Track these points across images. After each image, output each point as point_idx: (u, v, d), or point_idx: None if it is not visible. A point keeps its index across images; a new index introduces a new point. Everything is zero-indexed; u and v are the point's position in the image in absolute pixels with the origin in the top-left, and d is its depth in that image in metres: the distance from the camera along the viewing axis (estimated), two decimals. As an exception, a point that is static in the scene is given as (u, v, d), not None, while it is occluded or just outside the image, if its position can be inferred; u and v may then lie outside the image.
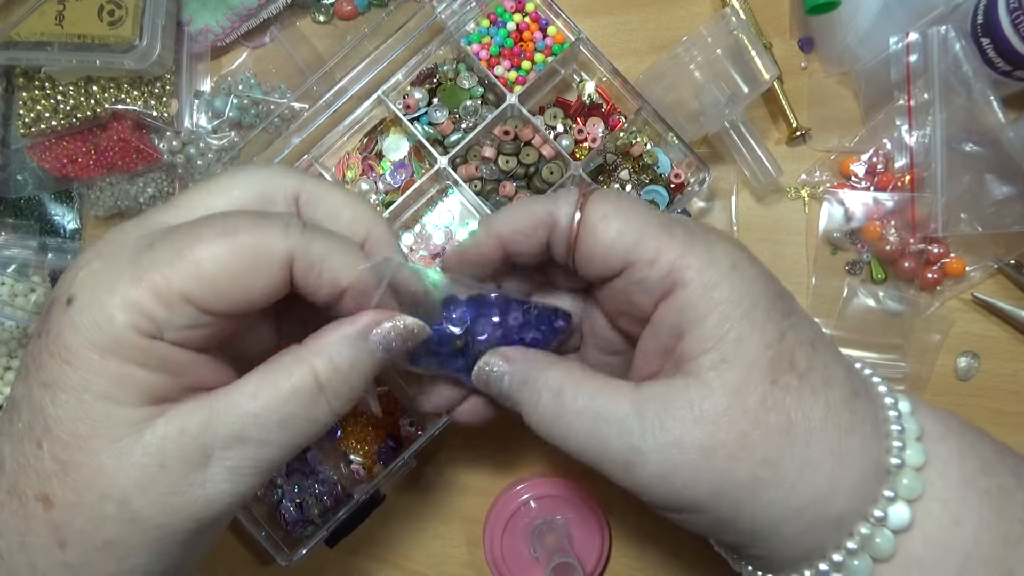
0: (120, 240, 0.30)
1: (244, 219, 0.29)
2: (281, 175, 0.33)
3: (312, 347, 0.31)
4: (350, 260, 0.31)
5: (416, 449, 0.54)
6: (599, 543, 0.56)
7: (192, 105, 0.61)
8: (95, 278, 0.28)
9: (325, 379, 0.30)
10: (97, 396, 0.28)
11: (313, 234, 0.30)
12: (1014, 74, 0.55)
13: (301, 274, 0.30)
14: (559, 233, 0.34)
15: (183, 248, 0.28)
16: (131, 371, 0.28)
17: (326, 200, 0.34)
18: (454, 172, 0.57)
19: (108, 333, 0.27)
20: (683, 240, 0.32)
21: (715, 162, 0.60)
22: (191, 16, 0.59)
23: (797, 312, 0.32)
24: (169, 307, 0.28)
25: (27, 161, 0.60)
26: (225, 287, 0.28)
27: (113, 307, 0.27)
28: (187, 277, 0.28)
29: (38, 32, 0.55)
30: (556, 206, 0.34)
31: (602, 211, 0.33)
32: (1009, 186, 0.55)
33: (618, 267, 0.32)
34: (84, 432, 0.28)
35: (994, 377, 0.58)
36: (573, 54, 0.58)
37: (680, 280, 0.31)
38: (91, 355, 0.27)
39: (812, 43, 0.61)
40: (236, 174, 0.33)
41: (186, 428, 0.29)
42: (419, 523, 0.59)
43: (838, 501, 0.30)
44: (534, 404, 0.33)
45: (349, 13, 0.62)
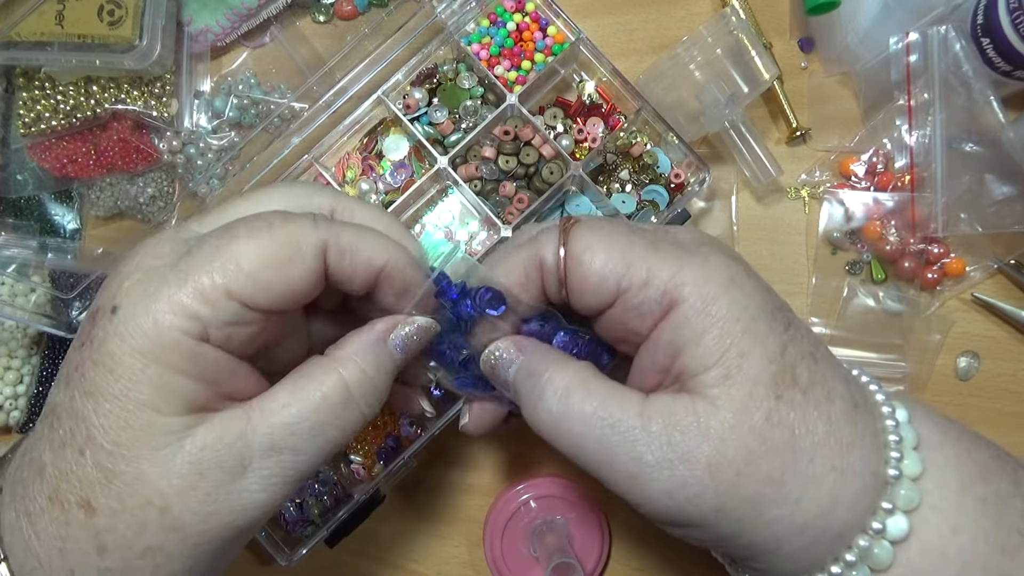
0: (157, 250, 0.31)
1: (276, 215, 0.31)
2: (316, 192, 0.34)
3: (337, 355, 0.32)
4: (380, 243, 0.32)
5: (416, 449, 0.54)
6: (599, 543, 0.56)
7: (192, 105, 0.61)
8: (139, 287, 0.29)
9: (354, 384, 0.32)
10: (140, 405, 0.28)
11: (342, 225, 0.32)
12: (1014, 74, 0.55)
13: (335, 261, 0.31)
14: (548, 273, 0.34)
15: (221, 246, 0.29)
16: (173, 379, 0.29)
17: (357, 216, 0.35)
18: (454, 172, 0.57)
19: (154, 338, 0.28)
20: (675, 257, 0.31)
21: (715, 162, 0.60)
22: (191, 16, 0.59)
23: (796, 324, 0.32)
24: (214, 304, 0.29)
25: (27, 161, 0.60)
26: (266, 279, 0.29)
27: (158, 312, 0.28)
28: (228, 272, 0.29)
29: (38, 32, 0.55)
30: (540, 246, 0.34)
31: (585, 242, 0.32)
32: (1009, 186, 0.55)
33: (611, 296, 0.32)
34: (127, 440, 0.28)
35: (994, 377, 0.58)
36: (573, 54, 0.58)
37: (677, 298, 0.31)
38: (135, 363, 0.28)
39: (812, 43, 0.61)
40: (270, 190, 0.34)
41: (224, 438, 0.29)
42: (419, 523, 0.59)
43: (839, 515, 0.30)
44: (537, 400, 0.33)
45: (349, 13, 0.62)
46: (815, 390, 0.30)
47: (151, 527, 0.29)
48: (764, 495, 0.29)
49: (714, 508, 0.30)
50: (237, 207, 0.33)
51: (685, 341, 0.31)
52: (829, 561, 0.30)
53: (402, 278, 0.33)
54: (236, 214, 0.32)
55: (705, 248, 0.32)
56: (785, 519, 0.30)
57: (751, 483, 0.29)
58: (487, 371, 0.36)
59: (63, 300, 0.56)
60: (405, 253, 0.33)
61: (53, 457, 0.29)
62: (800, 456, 0.29)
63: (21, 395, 0.60)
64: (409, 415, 0.57)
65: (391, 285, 0.33)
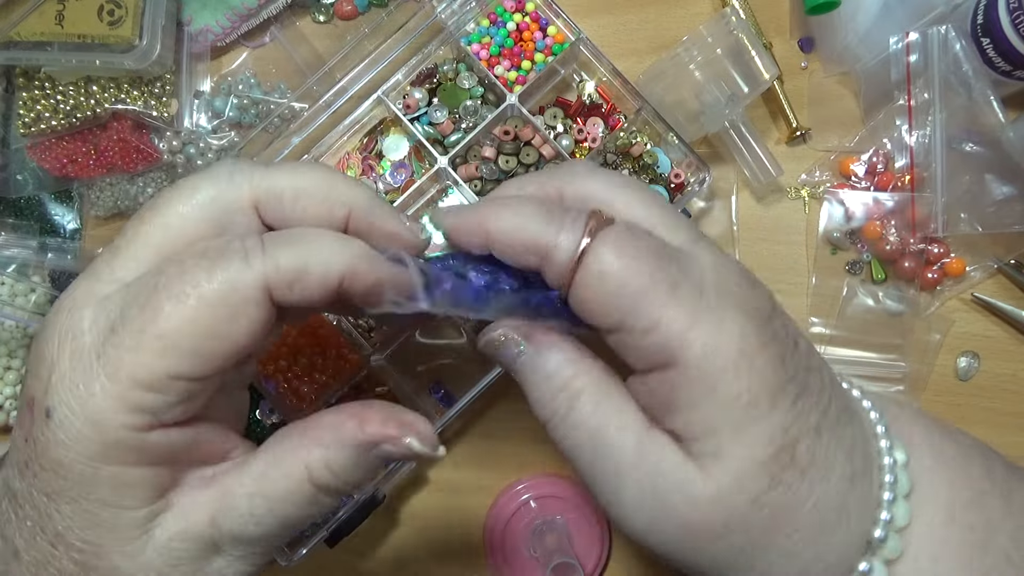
0: (76, 324, 0.27)
1: (197, 266, 0.26)
2: (228, 188, 0.29)
3: (308, 442, 0.29)
4: (330, 252, 0.28)
5: (416, 449, 0.54)
6: (599, 543, 0.56)
7: (192, 105, 0.61)
8: (67, 383, 0.26)
9: (322, 484, 0.29)
10: (100, 504, 0.27)
11: (277, 246, 0.27)
12: (1014, 74, 0.54)
13: (283, 295, 0.27)
14: (553, 266, 0.30)
15: (146, 325, 0.26)
16: (130, 474, 0.27)
17: (286, 189, 0.30)
18: (454, 172, 0.57)
19: (98, 441, 0.26)
20: (689, 310, 0.28)
21: (715, 162, 0.60)
22: (191, 16, 0.59)
23: (807, 391, 0.29)
24: (158, 390, 0.26)
25: (27, 161, 0.60)
26: (208, 348, 0.26)
27: (96, 412, 0.26)
28: (163, 355, 0.26)
29: (38, 32, 0.55)
30: (555, 238, 0.29)
31: (603, 264, 0.29)
32: (1009, 186, 0.55)
33: (611, 327, 0.29)
34: (94, 538, 0.27)
35: (994, 377, 0.58)
36: (573, 54, 0.58)
37: (678, 358, 0.28)
38: (85, 468, 0.26)
39: (812, 43, 0.61)
40: (174, 206, 0.29)
41: (191, 529, 0.28)
42: (419, 523, 0.59)
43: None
44: (547, 401, 0.31)
45: (349, 13, 0.62)
46: (813, 470, 0.29)
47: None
48: (734, 562, 0.29)
49: (683, 558, 0.30)
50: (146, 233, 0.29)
51: (680, 405, 0.29)
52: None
53: (365, 280, 0.29)
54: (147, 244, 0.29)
55: (725, 303, 0.29)
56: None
57: (722, 550, 0.29)
58: (488, 354, 0.33)
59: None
60: (363, 252, 0.29)
61: (26, 545, 0.28)
62: (778, 533, 0.29)
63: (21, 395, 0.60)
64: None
65: (355, 291, 0.29)
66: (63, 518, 0.27)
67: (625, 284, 0.28)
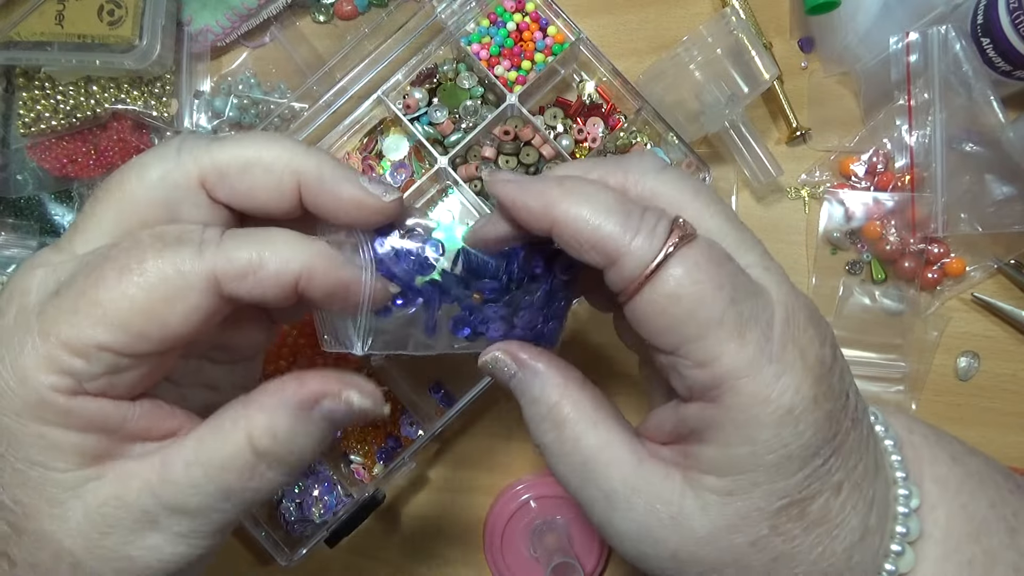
0: (26, 283, 0.27)
1: (150, 246, 0.26)
2: (175, 165, 0.29)
3: (250, 410, 0.28)
4: (289, 251, 0.27)
5: (416, 449, 0.54)
6: (599, 543, 0.56)
7: (192, 105, 0.61)
8: (6, 336, 0.26)
9: (263, 450, 0.27)
10: (28, 463, 0.26)
11: (235, 240, 0.27)
12: (1014, 74, 0.55)
13: (233, 288, 0.27)
14: (621, 271, 0.28)
15: (86, 290, 0.26)
16: (57, 434, 0.26)
17: (232, 165, 0.29)
18: (454, 172, 0.57)
19: (23, 397, 0.26)
20: (751, 358, 0.27)
21: (715, 162, 0.60)
22: (191, 16, 0.59)
23: (840, 451, 0.28)
24: (84, 357, 0.26)
25: (27, 161, 0.60)
26: (139, 327, 0.26)
27: (24, 367, 0.26)
28: (95, 323, 0.25)
29: (38, 32, 0.55)
30: (630, 243, 0.27)
31: (678, 286, 0.27)
32: (1009, 186, 0.55)
33: (667, 349, 0.28)
34: (24, 498, 0.27)
35: (994, 377, 0.58)
36: (573, 54, 0.58)
37: (723, 400, 0.27)
38: (12, 423, 0.26)
39: (812, 43, 0.61)
40: (127, 184, 0.29)
41: (124, 496, 0.27)
42: (419, 523, 0.59)
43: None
44: (535, 427, 0.32)
45: (349, 13, 0.62)
46: (821, 527, 0.28)
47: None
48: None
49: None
50: (101, 210, 0.29)
51: (710, 439, 0.28)
52: None
53: (324, 282, 0.28)
54: (103, 221, 0.28)
55: (789, 355, 0.27)
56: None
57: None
58: (487, 371, 0.33)
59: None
60: (321, 251, 0.28)
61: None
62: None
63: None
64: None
65: (314, 292, 0.28)
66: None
67: (695, 313, 0.27)
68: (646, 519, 0.29)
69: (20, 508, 0.27)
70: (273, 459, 0.28)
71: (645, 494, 0.29)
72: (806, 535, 0.28)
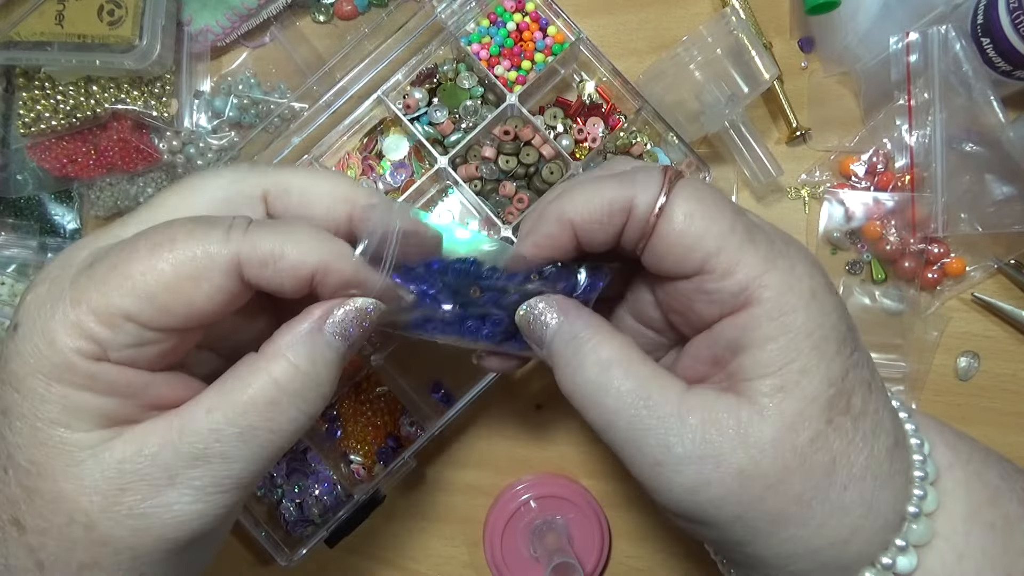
0: (70, 259, 0.29)
1: (181, 227, 0.28)
2: (247, 174, 0.32)
3: (267, 352, 0.29)
4: (308, 245, 0.29)
5: (416, 449, 0.54)
6: (599, 543, 0.56)
7: (192, 105, 0.61)
8: (39, 301, 0.28)
9: (286, 382, 0.29)
10: (49, 423, 0.27)
11: (260, 230, 0.28)
12: (1014, 74, 0.54)
13: (254, 274, 0.28)
14: (635, 221, 0.31)
15: (118, 264, 0.27)
16: (80, 396, 0.27)
17: (294, 185, 0.32)
18: (454, 172, 0.57)
19: (50, 359, 0.27)
20: (765, 255, 0.30)
21: (715, 162, 0.60)
22: (191, 16, 0.59)
23: (860, 349, 0.31)
24: (110, 326, 0.27)
25: (27, 161, 0.60)
26: (164, 301, 0.27)
27: (53, 331, 0.27)
28: (124, 293, 0.27)
29: (38, 32, 0.55)
30: (636, 189, 0.31)
31: (687, 207, 0.30)
32: (1009, 186, 0.55)
33: (691, 271, 0.30)
34: (41, 458, 0.27)
35: (994, 377, 0.58)
36: (573, 54, 0.58)
37: (755, 299, 0.29)
38: (37, 384, 0.27)
39: (812, 43, 0.61)
40: (199, 180, 0.31)
41: (144, 449, 0.28)
42: (419, 523, 0.59)
43: (853, 548, 0.29)
44: (577, 367, 0.31)
45: (349, 13, 0.62)
46: (865, 421, 0.30)
47: (80, 544, 0.28)
48: (788, 513, 0.29)
49: (734, 515, 0.29)
50: (166, 200, 0.31)
51: (750, 343, 0.30)
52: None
53: (340, 278, 0.30)
54: (162, 211, 0.30)
55: (793, 252, 0.31)
56: (801, 541, 0.29)
57: (778, 499, 0.29)
58: (523, 328, 0.34)
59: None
60: (340, 250, 0.30)
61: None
62: (834, 484, 0.29)
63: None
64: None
65: (327, 286, 0.30)
66: (14, 435, 0.28)
67: (709, 227, 0.30)
68: (706, 436, 0.29)
69: (35, 468, 0.27)
70: (295, 391, 0.29)
71: (700, 412, 0.29)
72: (855, 430, 0.29)
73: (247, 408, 0.28)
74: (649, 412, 0.30)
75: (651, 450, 0.30)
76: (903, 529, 0.30)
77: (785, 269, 0.30)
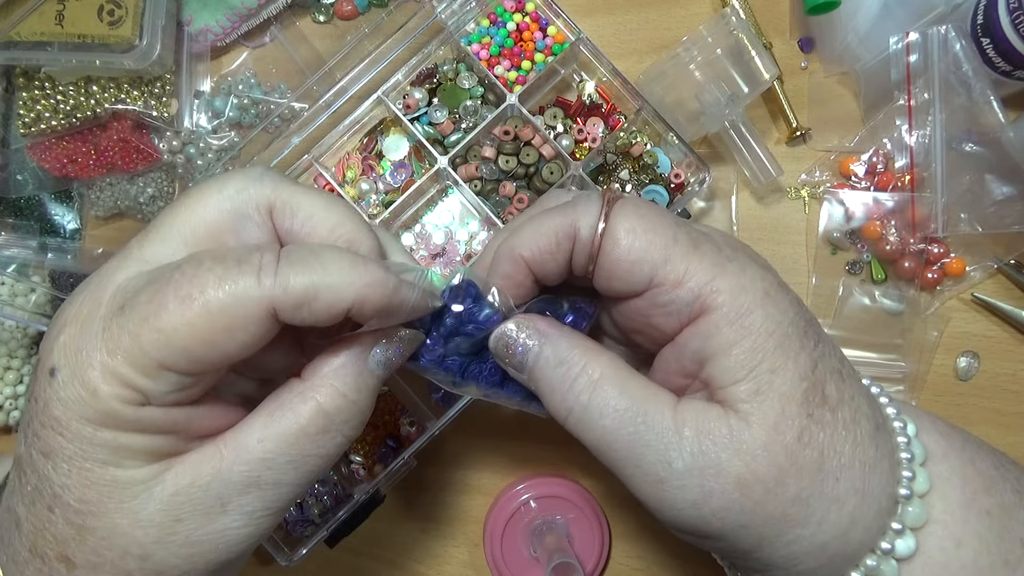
0: (96, 295, 0.29)
1: (210, 274, 0.27)
2: (254, 184, 0.31)
3: (314, 380, 0.30)
4: (344, 279, 0.28)
5: (416, 449, 0.54)
6: (599, 543, 0.56)
7: (192, 105, 0.61)
8: (74, 345, 0.28)
9: (334, 411, 0.29)
10: (99, 463, 0.27)
11: (291, 268, 0.27)
12: (1014, 74, 0.54)
13: (289, 316, 0.28)
14: (581, 245, 0.32)
15: (148, 315, 0.27)
16: (127, 438, 0.27)
17: (303, 207, 0.31)
18: (454, 172, 0.57)
19: (94, 407, 0.27)
20: (713, 261, 0.30)
21: (715, 162, 0.60)
22: (191, 16, 0.59)
23: (824, 339, 0.31)
24: (148, 376, 0.27)
25: (27, 161, 0.60)
26: (200, 353, 0.27)
27: (94, 380, 0.27)
28: (159, 348, 0.26)
29: (38, 32, 0.55)
30: (578, 215, 0.31)
31: (628, 224, 0.31)
32: (1009, 186, 0.55)
33: (642, 286, 0.31)
34: (93, 497, 0.28)
35: (994, 377, 0.58)
36: (573, 54, 0.58)
37: (710, 305, 0.30)
38: (83, 428, 0.27)
39: (812, 43, 0.61)
40: (205, 191, 0.31)
41: (197, 480, 0.28)
42: (419, 523, 0.59)
43: (855, 536, 0.30)
44: (566, 391, 0.31)
45: (349, 13, 0.62)
46: (843, 409, 0.30)
47: (134, 574, 0.28)
48: (789, 515, 0.29)
49: (739, 524, 0.29)
50: (177, 214, 0.30)
51: (714, 351, 0.30)
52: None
53: (375, 308, 0.29)
54: (177, 229, 0.30)
55: (741, 256, 0.31)
56: (806, 539, 0.29)
57: (778, 502, 0.29)
58: (499, 352, 0.33)
59: (63, 300, 0.56)
60: (374, 279, 0.28)
61: (26, 512, 0.29)
62: (827, 477, 0.29)
63: (21, 395, 0.60)
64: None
65: (363, 316, 0.29)
66: (59, 477, 0.28)
67: (652, 240, 0.30)
68: (703, 448, 0.29)
69: (87, 506, 0.28)
70: (343, 418, 0.30)
71: (693, 424, 0.29)
72: (835, 420, 0.30)
73: (299, 437, 0.29)
74: (647, 428, 0.30)
75: (652, 467, 0.30)
76: (898, 512, 0.30)
77: (735, 272, 0.30)
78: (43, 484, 0.28)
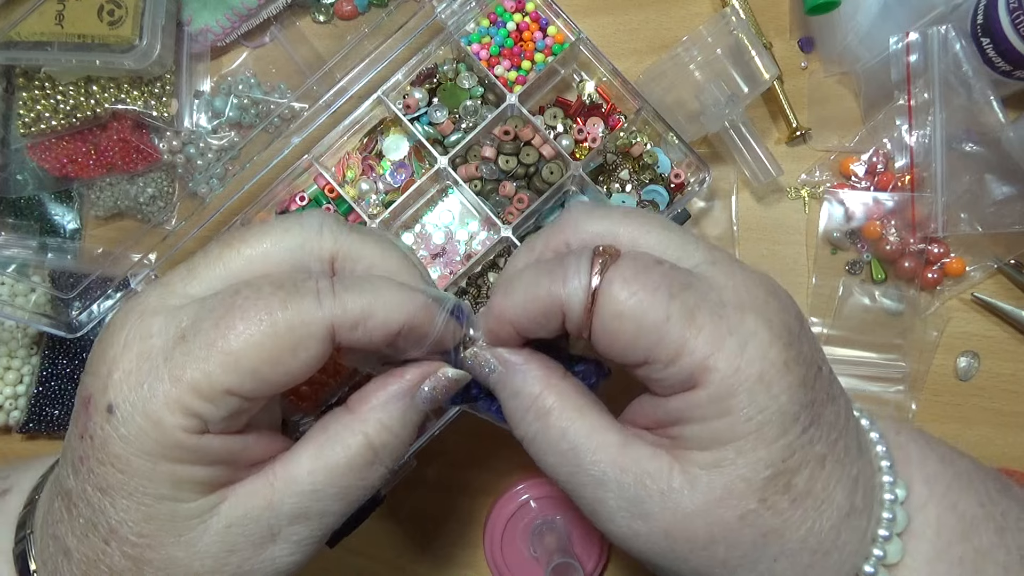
0: (146, 327, 0.29)
1: (276, 299, 0.28)
2: (315, 238, 0.31)
3: (361, 413, 0.31)
4: (395, 303, 0.30)
5: (416, 449, 0.54)
6: (599, 543, 0.56)
7: (192, 105, 0.61)
8: (132, 380, 0.28)
9: (380, 444, 0.31)
10: (157, 498, 0.28)
11: (348, 292, 0.29)
12: (1014, 74, 0.55)
13: (345, 336, 0.29)
14: (571, 321, 0.31)
15: (216, 339, 0.28)
16: (186, 470, 0.28)
17: (364, 257, 0.32)
18: (454, 172, 0.57)
19: (156, 440, 0.27)
20: (709, 337, 0.28)
21: (715, 162, 0.60)
22: (191, 16, 0.59)
23: (819, 423, 0.30)
24: (212, 402, 0.28)
25: (27, 161, 0.60)
26: (265, 374, 0.28)
27: (158, 412, 0.27)
28: (227, 370, 0.27)
29: (38, 32, 0.55)
30: (565, 289, 0.30)
31: (617, 307, 0.29)
32: (1009, 186, 0.55)
33: (635, 363, 0.30)
34: (151, 531, 0.28)
35: (994, 377, 0.58)
36: (573, 54, 0.58)
37: (702, 381, 0.29)
38: (144, 464, 0.28)
39: (812, 43, 0.61)
40: (262, 238, 0.31)
41: (250, 513, 0.29)
42: (419, 523, 0.59)
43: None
44: (519, 420, 0.32)
45: (349, 13, 0.62)
46: (807, 500, 0.29)
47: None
48: (715, 573, 0.30)
49: (664, 563, 0.30)
50: (228, 259, 0.31)
51: (691, 419, 0.29)
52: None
53: (421, 331, 0.31)
54: (227, 270, 0.30)
55: (749, 321, 0.29)
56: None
57: (703, 561, 0.29)
58: (475, 375, 0.35)
59: (63, 300, 0.56)
60: (423, 305, 0.30)
61: (77, 543, 0.29)
62: (763, 556, 0.29)
63: (21, 395, 0.60)
64: None
65: (408, 340, 0.31)
66: (117, 512, 0.28)
67: (642, 321, 0.29)
68: (637, 495, 0.30)
69: (145, 540, 0.28)
70: (388, 452, 0.31)
71: (634, 472, 0.30)
72: (794, 509, 0.29)
73: (346, 471, 0.30)
74: (584, 469, 0.30)
75: (587, 501, 0.31)
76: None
77: (732, 351, 0.28)
78: (98, 517, 0.29)
